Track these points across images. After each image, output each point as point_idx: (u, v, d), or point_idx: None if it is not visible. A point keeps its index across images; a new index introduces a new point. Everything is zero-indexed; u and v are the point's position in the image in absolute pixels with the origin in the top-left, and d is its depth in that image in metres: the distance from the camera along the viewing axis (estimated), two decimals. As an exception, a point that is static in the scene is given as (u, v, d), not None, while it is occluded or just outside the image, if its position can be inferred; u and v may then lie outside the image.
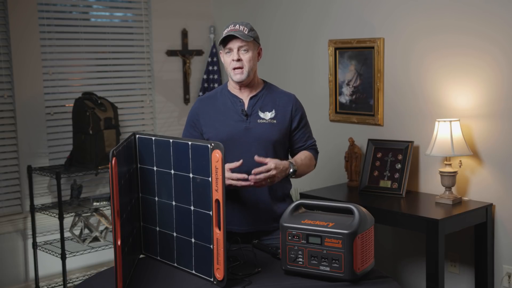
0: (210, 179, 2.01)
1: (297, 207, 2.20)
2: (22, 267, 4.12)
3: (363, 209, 2.09)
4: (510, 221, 3.29)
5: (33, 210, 4.02)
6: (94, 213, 4.06)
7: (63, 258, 3.84)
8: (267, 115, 2.59)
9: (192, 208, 2.12)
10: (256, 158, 2.45)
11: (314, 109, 4.04)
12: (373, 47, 3.79)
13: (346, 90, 4.00)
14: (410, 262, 3.81)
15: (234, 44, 2.53)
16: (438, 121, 3.32)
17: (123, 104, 4.52)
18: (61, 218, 3.81)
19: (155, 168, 2.25)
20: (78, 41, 4.33)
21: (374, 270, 2.14)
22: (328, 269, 2.03)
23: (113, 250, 1.89)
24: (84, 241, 4.04)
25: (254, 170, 2.41)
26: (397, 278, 3.81)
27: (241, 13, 4.71)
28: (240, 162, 2.40)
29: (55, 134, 4.24)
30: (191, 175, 2.10)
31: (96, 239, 4.08)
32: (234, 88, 2.64)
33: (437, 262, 3.06)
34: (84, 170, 3.98)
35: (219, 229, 1.99)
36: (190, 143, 2.10)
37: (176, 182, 2.18)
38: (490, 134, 3.32)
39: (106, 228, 4.14)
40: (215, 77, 4.78)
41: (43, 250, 4.03)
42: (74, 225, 4.05)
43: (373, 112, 3.84)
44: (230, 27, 2.54)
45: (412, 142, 3.58)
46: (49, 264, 4.13)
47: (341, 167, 4.00)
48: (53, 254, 3.95)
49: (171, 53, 4.75)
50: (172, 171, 2.18)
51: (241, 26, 2.54)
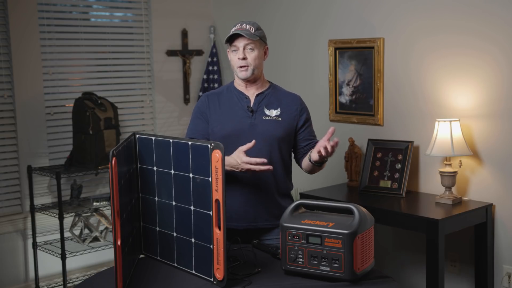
0: (210, 179, 2.01)
1: (297, 207, 2.20)
2: (22, 267, 4.12)
3: (363, 209, 2.10)
4: (510, 221, 3.29)
5: (33, 210, 4.02)
6: (94, 213, 4.06)
7: (63, 258, 3.84)
8: (273, 113, 2.62)
9: (192, 208, 2.12)
10: (331, 129, 2.40)
11: (314, 109, 4.02)
12: (373, 47, 3.79)
13: (346, 90, 4.00)
14: (410, 262, 3.81)
15: (240, 42, 2.55)
16: (438, 121, 3.32)
17: (123, 104, 4.52)
18: (61, 218, 3.81)
19: (155, 168, 2.25)
20: (78, 41, 4.33)
21: (374, 270, 2.14)
22: (328, 269, 2.03)
23: (113, 250, 1.89)
24: (84, 241, 4.04)
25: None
26: (397, 278, 3.81)
27: (241, 13, 4.71)
28: (253, 142, 2.40)
29: (55, 134, 4.24)
30: (191, 175, 2.10)
31: (96, 239, 4.07)
32: (240, 85, 2.66)
33: (437, 262, 3.06)
34: (84, 170, 3.98)
35: (219, 229, 1.99)
36: (190, 143, 2.10)
37: (176, 182, 2.18)
38: (490, 134, 3.32)
39: (106, 228, 4.14)
40: (215, 77, 4.78)
41: (43, 250, 4.03)
42: (74, 225, 4.05)
43: (373, 112, 3.84)
44: (237, 26, 2.58)
45: (412, 142, 3.58)
46: (49, 264, 4.13)
47: (341, 167, 4.00)
48: (53, 254, 3.95)
49: (171, 53, 4.75)
50: (172, 171, 2.18)
51: (247, 25, 2.57)
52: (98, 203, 4.10)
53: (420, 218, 3.15)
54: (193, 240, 2.13)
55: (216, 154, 1.98)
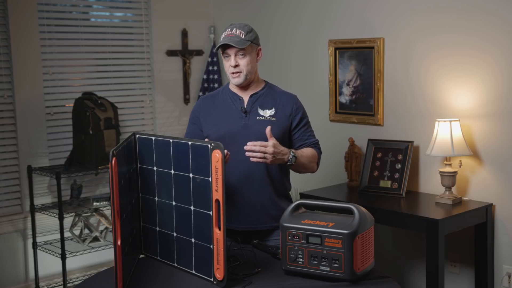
0: (210, 179, 2.01)
1: (297, 207, 2.20)
2: (22, 267, 4.12)
3: (363, 209, 2.09)
4: (510, 221, 3.29)
5: (33, 210, 4.02)
6: (94, 213, 4.06)
7: (63, 258, 3.84)
8: (267, 113, 2.60)
9: (192, 208, 2.12)
10: (267, 130, 2.44)
11: (314, 109, 4.04)
12: (373, 47, 3.79)
13: (346, 90, 4.00)
14: (410, 262, 3.81)
15: (231, 50, 2.53)
16: (438, 121, 3.32)
17: (123, 104, 4.52)
18: (61, 218, 3.81)
19: (155, 168, 2.25)
20: (78, 41, 4.33)
21: (374, 270, 2.14)
22: (328, 269, 2.03)
23: (113, 250, 1.89)
24: (84, 241, 4.04)
25: (250, 143, 2.41)
26: (397, 278, 3.81)
27: (241, 13, 4.71)
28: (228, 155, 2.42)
29: (55, 134, 4.24)
30: (191, 175, 2.10)
31: (96, 239, 4.07)
32: (234, 87, 2.65)
33: (437, 262, 3.06)
34: (84, 170, 3.98)
35: (219, 229, 1.99)
36: (190, 143, 2.10)
37: (176, 182, 2.18)
38: (490, 134, 3.32)
39: (106, 228, 4.14)
40: (215, 77, 4.78)
41: (43, 250, 4.03)
42: (74, 225, 4.05)
43: (373, 112, 3.84)
44: (227, 31, 2.54)
45: (412, 142, 3.58)
46: (49, 264, 4.13)
47: (341, 167, 4.00)
48: (53, 254, 3.95)
49: (171, 53, 4.75)
50: (172, 171, 2.18)
51: (238, 30, 2.53)
52: (98, 203, 4.10)
53: (420, 218, 3.15)
54: (193, 240, 2.13)
55: (216, 154, 1.98)
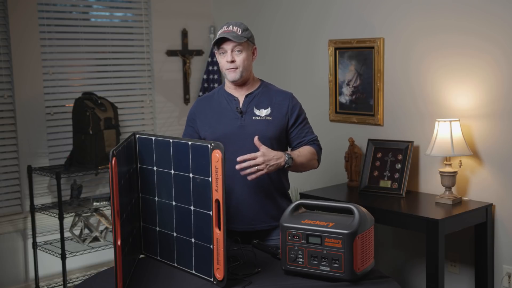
0: (210, 179, 2.01)
1: (297, 207, 2.20)
2: (22, 267, 4.12)
3: (363, 209, 2.09)
4: (510, 221, 3.29)
5: (33, 210, 4.02)
6: (94, 213, 4.06)
7: (63, 258, 3.84)
8: (263, 112, 2.59)
9: (192, 208, 2.12)
10: (255, 139, 2.44)
11: (314, 109, 4.04)
12: (373, 47, 3.79)
13: (346, 90, 4.00)
14: (410, 262, 3.81)
15: (227, 45, 2.53)
16: (438, 121, 3.32)
17: (123, 104, 4.52)
18: (61, 218, 3.81)
19: (155, 168, 2.25)
20: (78, 41, 4.33)
21: (374, 270, 2.14)
22: (328, 269, 2.03)
23: (113, 250, 1.89)
24: (84, 241, 4.04)
25: (238, 158, 2.39)
26: (397, 278, 3.81)
27: (241, 13, 4.71)
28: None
29: (55, 134, 4.24)
30: (191, 175, 2.10)
31: (96, 239, 4.07)
32: (229, 87, 2.65)
33: (437, 262, 3.06)
34: (84, 170, 3.98)
35: (219, 229, 1.99)
36: (190, 143, 2.10)
37: (176, 182, 2.18)
38: (490, 134, 3.32)
39: (106, 228, 4.14)
40: (215, 77, 4.78)
41: (43, 250, 4.03)
42: (74, 225, 4.05)
43: (373, 112, 3.84)
44: (224, 28, 2.55)
45: (412, 142, 3.58)
46: (49, 264, 4.13)
47: (341, 167, 4.00)
48: (53, 254, 3.95)
49: (171, 53, 4.75)
50: (172, 171, 2.18)
51: (234, 27, 2.54)
52: (98, 203, 4.10)
53: (420, 218, 3.15)
54: (193, 240, 2.13)
55: (216, 154, 1.98)
